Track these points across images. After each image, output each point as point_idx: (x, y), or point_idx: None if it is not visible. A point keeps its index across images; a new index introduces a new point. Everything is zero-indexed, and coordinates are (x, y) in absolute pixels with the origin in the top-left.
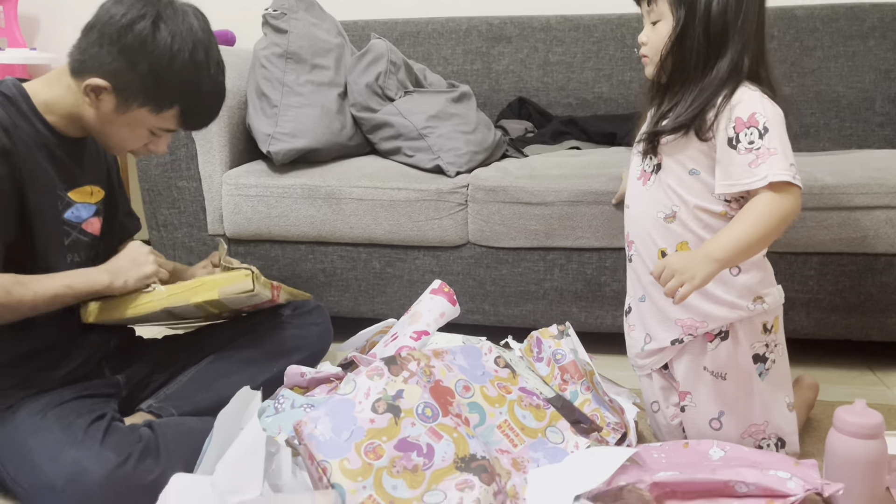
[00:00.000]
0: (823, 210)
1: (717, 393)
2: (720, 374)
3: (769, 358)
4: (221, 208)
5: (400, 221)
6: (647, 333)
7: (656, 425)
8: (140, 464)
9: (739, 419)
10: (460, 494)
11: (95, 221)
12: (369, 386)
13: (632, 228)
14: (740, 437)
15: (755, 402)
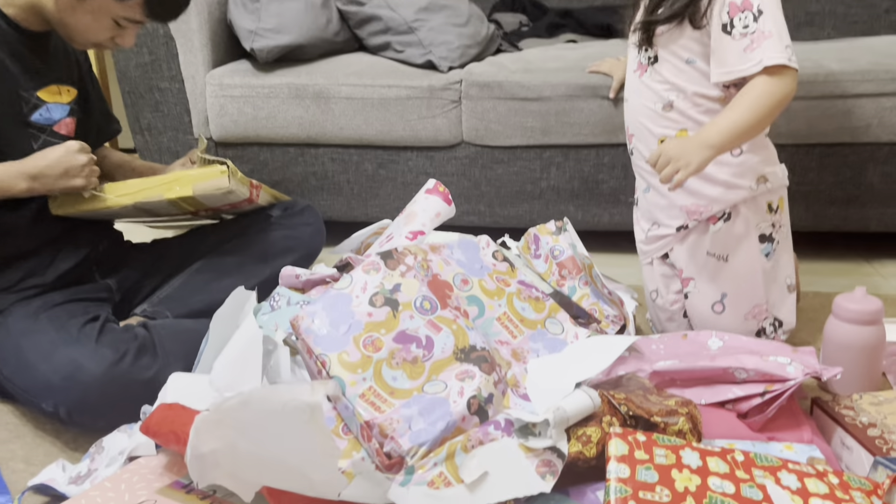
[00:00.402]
0: (828, 98)
1: (718, 276)
2: (722, 257)
3: (775, 238)
4: (206, 110)
5: (391, 121)
6: (653, 222)
7: (655, 315)
8: (137, 361)
9: (742, 301)
10: (461, 384)
11: (69, 122)
12: (366, 280)
13: (631, 121)
14: (743, 318)
15: (758, 282)
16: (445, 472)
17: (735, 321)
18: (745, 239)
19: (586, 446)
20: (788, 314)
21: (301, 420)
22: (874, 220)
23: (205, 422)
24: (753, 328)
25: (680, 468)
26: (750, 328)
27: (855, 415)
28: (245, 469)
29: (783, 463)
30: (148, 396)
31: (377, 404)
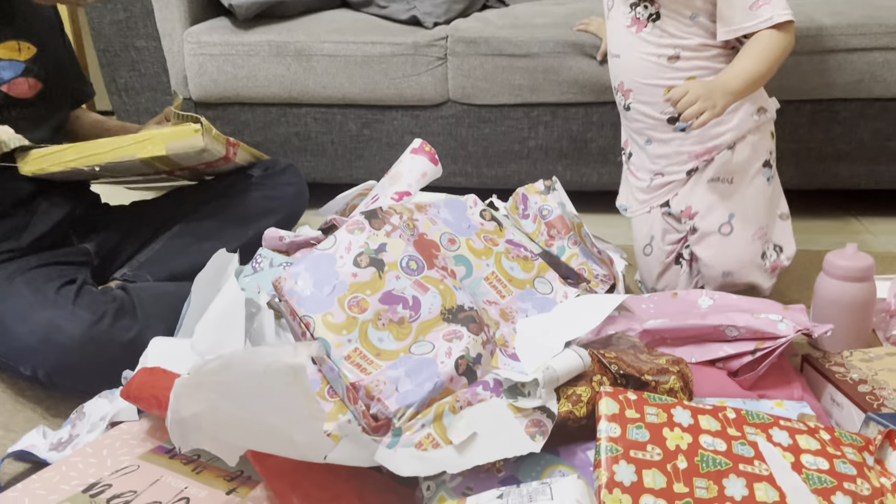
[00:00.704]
0: (819, 53)
1: (725, 198)
2: (727, 180)
3: (772, 166)
4: (185, 69)
5: (375, 79)
6: (656, 173)
7: (647, 271)
8: (116, 322)
9: (748, 221)
10: (448, 344)
11: (22, 83)
12: (350, 240)
13: (626, 76)
14: (751, 238)
15: (762, 204)
16: (433, 433)
17: (742, 241)
18: (749, 163)
19: (576, 406)
20: (788, 240)
21: (284, 382)
22: (864, 177)
23: (185, 385)
24: (759, 249)
25: (671, 427)
26: (756, 249)
27: (845, 371)
28: (228, 433)
29: (774, 420)
30: (128, 359)
31: (363, 366)
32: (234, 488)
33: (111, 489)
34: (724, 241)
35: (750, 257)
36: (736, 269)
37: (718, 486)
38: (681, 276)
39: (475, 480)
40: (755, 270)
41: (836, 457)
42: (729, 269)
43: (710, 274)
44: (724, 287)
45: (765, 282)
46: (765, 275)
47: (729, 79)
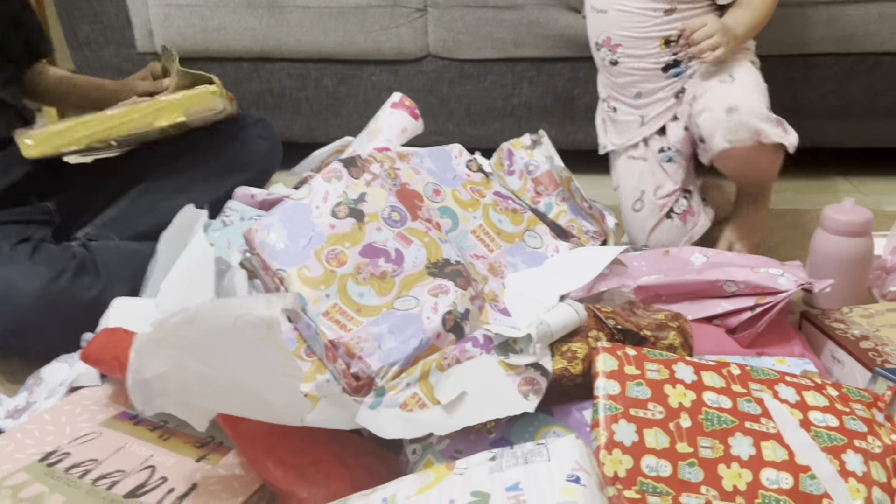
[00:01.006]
0: (811, 5)
1: (720, 68)
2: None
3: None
4: (150, 21)
5: (352, 32)
6: (645, 117)
7: (637, 227)
8: (76, 279)
9: (749, 77)
10: (434, 300)
11: None
12: (327, 189)
13: (613, 31)
14: (752, 88)
15: (757, 76)
16: (419, 392)
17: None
18: (741, 59)
19: (571, 363)
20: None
21: (256, 337)
22: (853, 136)
23: (146, 342)
24: (762, 99)
25: (673, 383)
26: (759, 97)
27: (846, 328)
28: (196, 395)
29: (780, 376)
30: (90, 320)
31: (343, 322)
32: (205, 455)
33: (70, 458)
34: (725, 86)
35: (755, 98)
36: (741, 105)
37: (724, 445)
38: (672, 230)
39: (464, 443)
40: (761, 113)
41: (845, 413)
42: (734, 104)
43: (713, 118)
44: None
45: (775, 132)
46: (772, 123)
47: (736, 24)
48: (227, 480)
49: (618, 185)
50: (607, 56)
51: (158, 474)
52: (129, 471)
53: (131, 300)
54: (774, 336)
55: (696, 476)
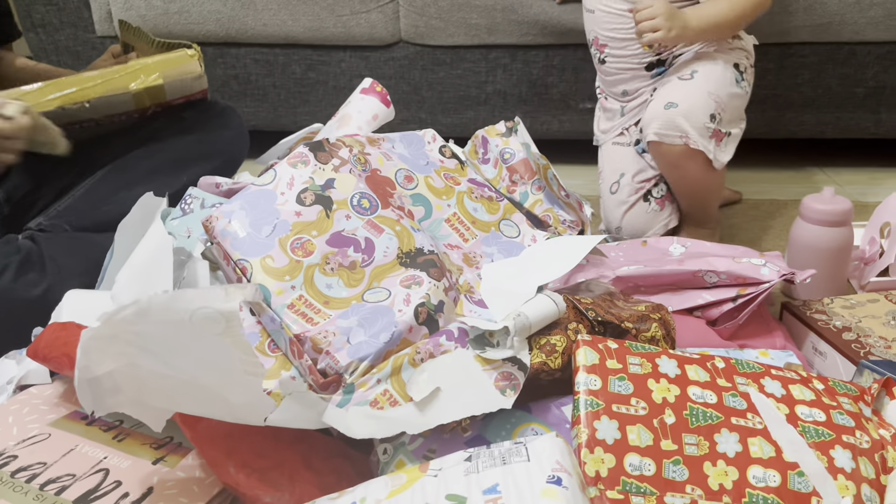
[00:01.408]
0: None
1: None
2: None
3: (745, 79)
4: (109, 3)
5: (321, 16)
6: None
7: (611, 209)
8: (20, 276)
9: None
10: (406, 291)
11: None
12: (292, 175)
13: (600, 31)
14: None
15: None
16: (391, 389)
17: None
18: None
19: (550, 356)
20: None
21: (214, 332)
22: (830, 126)
23: (95, 338)
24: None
25: (657, 378)
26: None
27: (828, 319)
28: (151, 394)
29: (766, 369)
30: (37, 319)
31: (309, 315)
32: (162, 457)
33: (16, 461)
34: (681, 83)
35: (700, 101)
36: (681, 104)
37: (710, 441)
38: (647, 214)
39: (438, 442)
40: (696, 117)
41: (832, 407)
42: (675, 100)
43: (654, 108)
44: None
45: (703, 141)
46: (704, 132)
47: (692, 16)
48: (187, 484)
49: (601, 171)
50: (596, 55)
51: (112, 478)
52: (81, 475)
53: (85, 293)
54: (756, 328)
55: (681, 475)
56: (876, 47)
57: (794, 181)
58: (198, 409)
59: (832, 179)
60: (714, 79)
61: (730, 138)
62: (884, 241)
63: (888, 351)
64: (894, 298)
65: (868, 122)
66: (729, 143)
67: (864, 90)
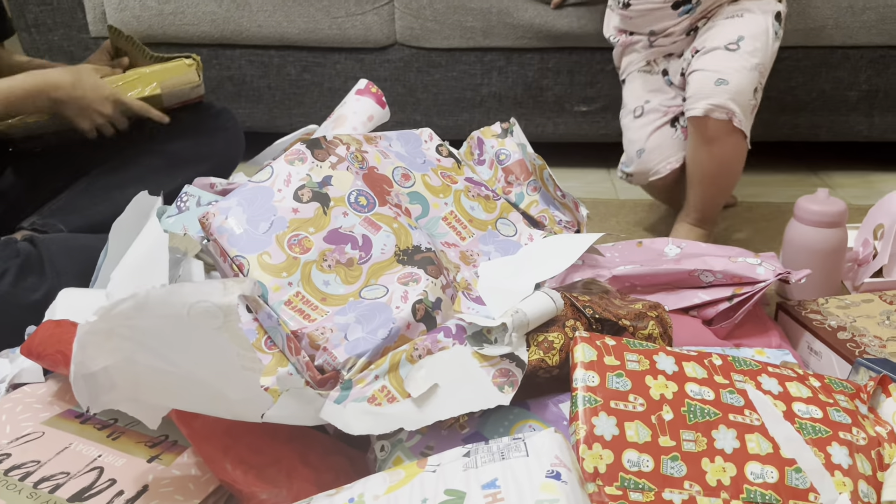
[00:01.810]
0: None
1: (735, 25)
2: (738, 14)
3: (781, 27)
4: (103, 4)
5: (316, 18)
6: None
7: (635, 133)
8: (20, 280)
9: (756, 49)
10: (404, 288)
11: None
12: (290, 172)
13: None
14: (752, 66)
15: (769, 43)
16: (388, 385)
17: (744, 62)
18: (757, 5)
19: (548, 353)
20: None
21: (212, 326)
22: (824, 129)
23: (91, 332)
24: (755, 80)
25: (654, 374)
26: (753, 78)
27: (823, 319)
28: (147, 390)
29: (763, 366)
30: (36, 323)
31: (306, 312)
32: (157, 455)
33: (10, 459)
34: (727, 55)
35: (747, 81)
36: (732, 80)
37: (707, 438)
38: (672, 139)
39: (436, 439)
40: (745, 97)
41: (829, 405)
42: (726, 77)
43: (703, 82)
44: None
45: (744, 120)
46: (748, 110)
47: None
48: (182, 481)
49: (624, 103)
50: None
51: (107, 476)
52: (75, 473)
53: (80, 291)
54: (752, 327)
55: (679, 471)
56: (869, 51)
57: (788, 184)
58: (195, 406)
59: (826, 182)
60: (761, 45)
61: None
62: (877, 242)
63: (883, 350)
64: (888, 298)
65: (861, 125)
66: (754, 113)
67: (858, 94)
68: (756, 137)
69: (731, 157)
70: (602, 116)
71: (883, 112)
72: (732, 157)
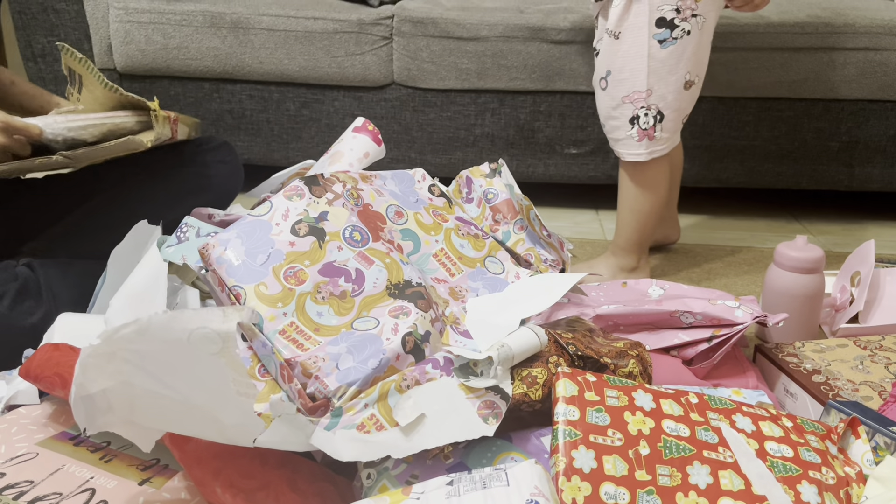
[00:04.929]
0: (766, 50)
1: (610, 52)
2: (614, 34)
3: (679, 26)
4: (110, 37)
5: (317, 56)
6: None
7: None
8: (17, 304)
9: (622, 82)
10: (395, 320)
11: None
12: (288, 207)
13: None
14: (620, 100)
15: (642, 66)
16: (377, 414)
17: (611, 101)
18: (637, 19)
19: (531, 388)
20: (675, 111)
21: (210, 351)
22: (806, 177)
23: (93, 356)
24: (628, 113)
25: (633, 410)
26: (623, 112)
27: (799, 361)
28: (143, 413)
29: (737, 405)
30: (32, 347)
31: (300, 341)
32: (149, 478)
33: (4, 479)
34: (599, 96)
35: (615, 116)
36: (605, 123)
37: (682, 473)
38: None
39: (421, 468)
40: (621, 130)
41: (800, 444)
42: (602, 121)
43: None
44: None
45: (630, 147)
46: (630, 140)
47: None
48: None
49: None
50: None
51: (98, 497)
52: (67, 493)
53: (78, 316)
54: (730, 368)
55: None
56: (849, 104)
57: (771, 230)
58: (189, 429)
59: (807, 229)
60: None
61: None
62: (854, 289)
63: (856, 393)
64: (863, 344)
65: (842, 174)
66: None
67: (839, 144)
68: (741, 184)
69: (626, 180)
70: (591, 159)
71: (862, 163)
72: (627, 179)
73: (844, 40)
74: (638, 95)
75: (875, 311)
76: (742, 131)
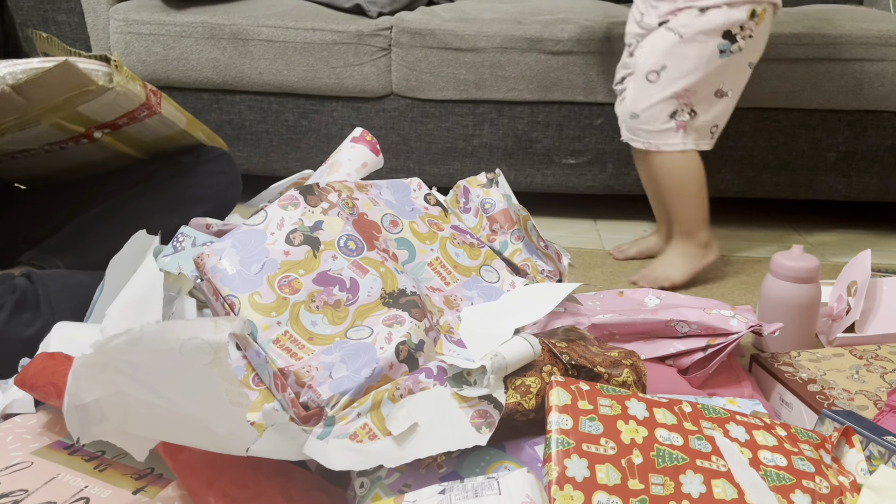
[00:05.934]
0: (763, 61)
1: (668, 49)
2: (680, 34)
3: (738, 42)
4: (110, 48)
5: (315, 67)
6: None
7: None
8: (15, 316)
9: (677, 79)
10: (388, 330)
11: None
12: (282, 216)
13: None
14: (672, 94)
15: (700, 69)
16: (370, 423)
17: (660, 94)
18: (711, 27)
19: (525, 397)
20: (705, 112)
21: (202, 362)
22: (804, 187)
23: (86, 365)
24: (671, 108)
25: (626, 419)
26: (668, 107)
27: (794, 371)
28: (137, 422)
29: (731, 414)
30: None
31: (293, 350)
32: (142, 487)
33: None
34: (646, 85)
35: (659, 109)
36: (640, 114)
37: (675, 482)
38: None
39: (414, 477)
40: (658, 122)
41: (794, 453)
42: (633, 111)
43: (624, 111)
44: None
45: (668, 138)
46: (669, 131)
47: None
48: None
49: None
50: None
51: None
52: (62, 502)
53: (75, 325)
54: (725, 377)
55: None
56: (846, 115)
57: (768, 240)
58: (182, 439)
59: (805, 239)
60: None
61: None
62: (850, 298)
63: (851, 403)
64: (858, 353)
65: (840, 184)
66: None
67: (836, 154)
68: (738, 193)
69: (665, 171)
70: (589, 169)
71: (860, 173)
72: (666, 171)
73: (841, 51)
74: (686, 94)
75: (871, 320)
76: (739, 141)
